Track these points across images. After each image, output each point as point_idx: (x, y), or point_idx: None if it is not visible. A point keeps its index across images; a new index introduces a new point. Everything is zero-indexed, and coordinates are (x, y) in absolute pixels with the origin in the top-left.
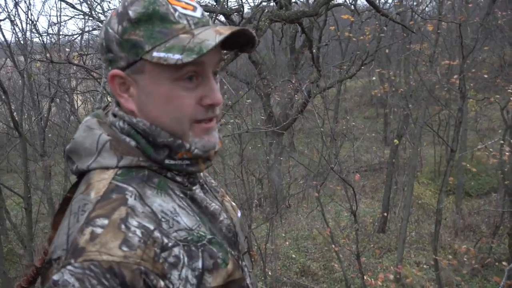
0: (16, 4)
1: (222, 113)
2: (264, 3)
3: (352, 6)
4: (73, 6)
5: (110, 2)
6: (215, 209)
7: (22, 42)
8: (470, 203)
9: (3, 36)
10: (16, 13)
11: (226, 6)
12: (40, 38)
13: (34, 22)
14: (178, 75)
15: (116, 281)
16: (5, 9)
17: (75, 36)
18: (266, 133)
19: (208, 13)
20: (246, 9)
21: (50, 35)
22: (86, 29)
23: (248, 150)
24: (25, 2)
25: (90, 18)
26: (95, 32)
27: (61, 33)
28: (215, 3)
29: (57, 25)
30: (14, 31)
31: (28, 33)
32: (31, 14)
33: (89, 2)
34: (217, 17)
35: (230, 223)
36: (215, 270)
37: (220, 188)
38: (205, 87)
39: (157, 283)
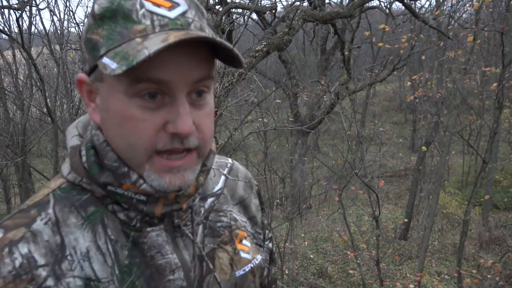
0: None
1: (207, 147)
2: (298, 3)
3: (387, 9)
4: None
5: None
6: (166, 263)
7: (59, 31)
8: (497, 216)
9: (43, 25)
10: (55, 3)
11: (259, 4)
12: (77, 28)
13: (73, 12)
14: (134, 91)
15: None
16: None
17: None
18: (291, 132)
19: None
20: (279, 8)
21: None
22: None
23: (273, 149)
24: None
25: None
26: None
27: None
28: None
29: None
30: (52, 20)
31: (65, 23)
32: (70, 4)
33: None
34: (250, 16)
35: (184, 285)
36: None
37: (237, 230)
38: (171, 110)
39: None
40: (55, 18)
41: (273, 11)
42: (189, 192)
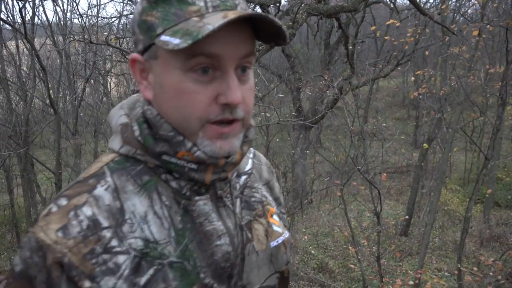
0: None
1: (250, 119)
2: None
3: (392, 4)
4: None
5: None
6: (213, 230)
7: (62, 22)
8: (498, 213)
9: (46, 15)
10: None
11: None
12: (80, 19)
13: (76, 3)
14: (189, 65)
15: (41, 261)
16: None
17: (113, 19)
18: (293, 127)
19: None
20: (284, 1)
21: (89, 17)
22: (124, 12)
23: (275, 143)
24: None
25: (129, 2)
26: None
27: (99, 15)
28: None
29: (96, 7)
30: (55, 11)
31: (68, 14)
32: None
33: None
34: (254, 9)
35: (230, 250)
36: None
37: (268, 206)
38: (222, 83)
39: (79, 281)
40: (58, 9)
41: (277, 4)
42: (236, 159)
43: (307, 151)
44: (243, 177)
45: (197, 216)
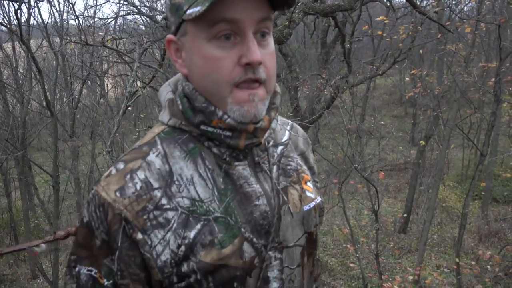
0: None
1: (273, 83)
2: None
3: (388, 2)
4: None
5: None
6: (252, 191)
7: (58, 23)
8: (496, 209)
9: (41, 17)
10: None
11: None
12: (76, 20)
13: (72, 5)
14: (213, 34)
15: (103, 216)
16: None
17: (109, 20)
18: None
19: None
20: None
21: (86, 18)
22: (121, 13)
23: None
24: None
25: (125, 2)
26: (129, 17)
27: (96, 16)
28: None
29: (92, 8)
30: (51, 12)
31: (64, 15)
32: None
33: None
34: None
35: (267, 210)
36: (209, 247)
37: (302, 173)
38: (243, 46)
39: (133, 233)
40: (53, 10)
41: None
42: (264, 125)
43: None
44: (280, 147)
45: (237, 179)
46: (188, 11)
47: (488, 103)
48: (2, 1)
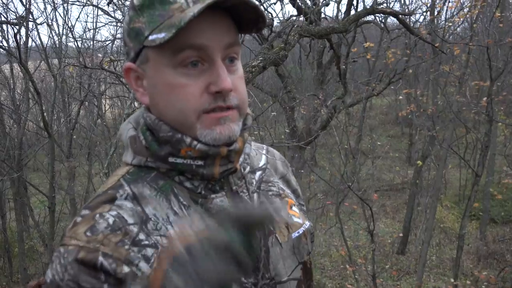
0: (54, 9)
1: (245, 107)
2: (294, 18)
3: (382, 24)
4: (108, 14)
5: None
6: None
7: (57, 46)
8: (495, 230)
9: (40, 39)
10: (54, 18)
11: None
12: (75, 43)
13: (72, 28)
14: (178, 61)
15: (75, 264)
16: (44, 14)
17: (107, 42)
18: (288, 146)
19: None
20: (276, 22)
21: (84, 40)
22: (118, 35)
23: None
24: (63, 7)
25: (123, 25)
26: None
27: (95, 39)
28: None
29: (91, 30)
30: (50, 35)
31: (63, 38)
32: (69, 19)
33: (122, 10)
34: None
35: None
36: None
37: (286, 198)
38: (211, 73)
39: (117, 268)
40: (53, 33)
41: (270, 26)
42: (238, 147)
43: (302, 171)
44: (258, 173)
45: (216, 213)
46: (151, 37)
47: (484, 123)
48: (0, 24)
